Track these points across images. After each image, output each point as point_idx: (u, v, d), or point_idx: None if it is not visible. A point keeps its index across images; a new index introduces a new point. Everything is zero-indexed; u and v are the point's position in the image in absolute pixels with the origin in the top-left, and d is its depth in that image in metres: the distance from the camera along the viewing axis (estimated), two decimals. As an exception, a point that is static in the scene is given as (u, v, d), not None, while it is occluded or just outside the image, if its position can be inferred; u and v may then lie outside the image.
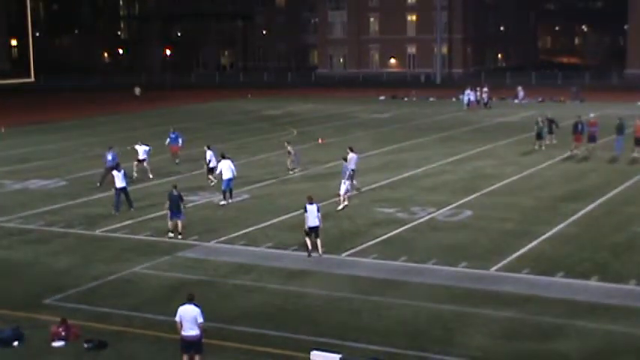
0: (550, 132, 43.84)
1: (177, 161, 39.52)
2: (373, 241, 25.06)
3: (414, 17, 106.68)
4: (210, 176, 34.15)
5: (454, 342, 17.14)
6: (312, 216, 23.46)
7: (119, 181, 29.51)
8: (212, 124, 57.78)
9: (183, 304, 15.42)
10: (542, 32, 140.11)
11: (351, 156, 32.13)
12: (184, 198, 26.48)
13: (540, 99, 73.31)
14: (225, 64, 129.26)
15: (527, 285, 20.75)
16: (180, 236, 25.54)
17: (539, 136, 42.97)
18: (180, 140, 40.26)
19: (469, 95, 67.97)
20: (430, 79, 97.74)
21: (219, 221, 28.12)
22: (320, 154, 42.13)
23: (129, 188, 30.31)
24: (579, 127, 41.21)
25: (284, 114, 65.05)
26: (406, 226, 26.88)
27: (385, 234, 25.90)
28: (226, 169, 30.60)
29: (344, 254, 23.81)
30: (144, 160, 36.32)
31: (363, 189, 32.77)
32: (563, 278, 21.21)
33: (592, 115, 44.61)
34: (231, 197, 30.87)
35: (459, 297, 19.94)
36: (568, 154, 40.68)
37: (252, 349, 16.84)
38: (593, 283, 20.85)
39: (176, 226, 25.78)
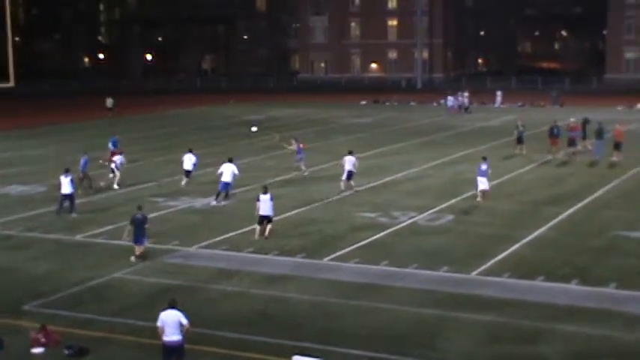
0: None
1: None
2: (354, 246, 25.09)
3: (395, 22, 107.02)
4: (186, 179, 34.88)
5: (435, 346, 17.19)
6: (265, 205, 25.45)
7: (65, 187, 29.43)
8: (194, 130, 57.64)
9: (165, 309, 15.38)
10: (522, 37, 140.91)
11: (348, 158, 32.84)
12: (154, 210, 25.55)
13: (520, 104, 73.72)
14: (207, 68, 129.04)
15: (507, 289, 20.84)
16: (141, 259, 23.71)
17: (519, 141, 43.17)
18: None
19: (450, 101, 68.26)
20: (411, 84, 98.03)
21: (201, 226, 28.05)
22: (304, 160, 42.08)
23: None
24: (555, 131, 41.58)
25: (266, 119, 64.98)
26: (387, 231, 26.93)
27: (366, 238, 25.93)
28: (227, 172, 31.04)
29: (325, 259, 23.82)
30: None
31: (347, 193, 32.82)
32: (544, 282, 21.32)
33: (572, 119, 44.88)
34: (224, 199, 31.21)
35: (440, 301, 20.00)
36: (548, 158, 40.90)
37: (234, 355, 16.81)
38: (573, 286, 20.97)
39: (141, 250, 23.82)
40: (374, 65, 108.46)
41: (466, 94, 70.04)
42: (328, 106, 75.24)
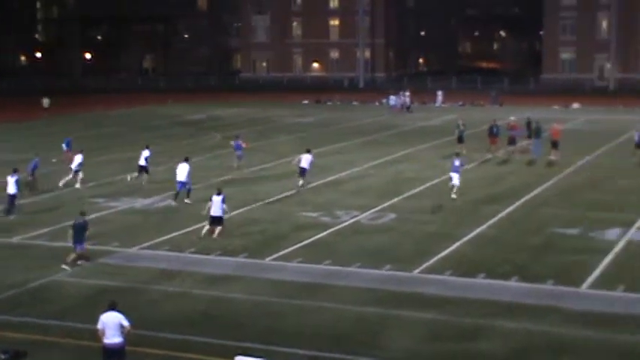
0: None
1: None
2: (297, 245, 25.08)
3: (337, 22, 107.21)
4: (131, 175, 34.96)
5: (378, 344, 17.28)
6: (216, 207, 25.39)
7: (10, 187, 28.93)
8: (135, 130, 57.00)
9: (105, 311, 15.19)
10: (462, 37, 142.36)
11: (306, 156, 33.39)
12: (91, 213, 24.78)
13: (461, 103, 74.58)
14: (147, 68, 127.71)
15: (449, 286, 21.05)
16: (75, 264, 23.04)
17: (460, 140, 43.63)
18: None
19: (392, 100, 68.68)
20: (353, 84, 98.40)
21: (142, 227, 27.77)
22: (244, 158, 41.91)
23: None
24: (494, 130, 42.18)
25: (207, 118, 64.64)
26: (330, 230, 26.98)
27: (309, 238, 25.95)
28: (181, 172, 31.11)
29: (268, 258, 23.78)
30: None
31: (289, 192, 32.81)
32: (484, 279, 21.59)
33: (512, 118, 45.50)
34: (174, 200, 31.22)
35: (382, 299, 20.11)
36: (488, 157, 41.44)
37: (176, 356, 16.68)
38: (512, 283, 21.28)
39: (77, 256, 23.08)
40: (316, 64, 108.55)
41: (407, 93, 70.61)
42: (270, 106, 75.12)
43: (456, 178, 31.36)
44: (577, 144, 44.81)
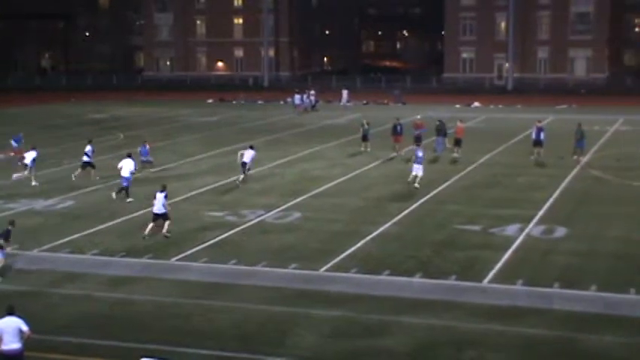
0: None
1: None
2: (203, 245, 24.87)
3: (241, 20, 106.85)
4: (79, 171, 35.16)
5: (285, 343, 17.28)
6: (158, 203, 25.58)
7: None
8: (33, 129, 55.44)
9: (3, 316, 14.73)
10: (365, 37, 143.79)
11: (249, 152, 34.59)
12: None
13: (365, 102, 75.34)
14: (46, 66, 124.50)
15: (355, 284, 21.21)
16: None
17: (364, 138, 44.03)
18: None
19: (297, 99, 68.83)
20: (258, 83, 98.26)
21: (42, 229, 27.04)
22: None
23: None
24: (398, 128, 42.73)
25: (110, 118, 63.48)
26: (236, 229, 26.85)
27: (215, 237, 25.76)
28: (125, 167, 31.26)
29: (173, 259, 23.49)
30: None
31: (195, 192, 32.51)
32: (389, 276, 21.84)
33: (418, 116, 46.15)
34: (118, 194, 31.35)
35: (289, 298, 20.12)
36: (393, 155, 41.96)
37: (78, 361, 16.32)
38: (416, 279, 21.59)
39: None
40: (220, 63, 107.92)
41: (313, 92, 70.91)
42: (174, 105, 74.31)
43: (420, 169, 32.90)
44: (478, 142, 45.80)
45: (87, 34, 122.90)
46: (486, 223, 27.37)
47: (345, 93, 73.82)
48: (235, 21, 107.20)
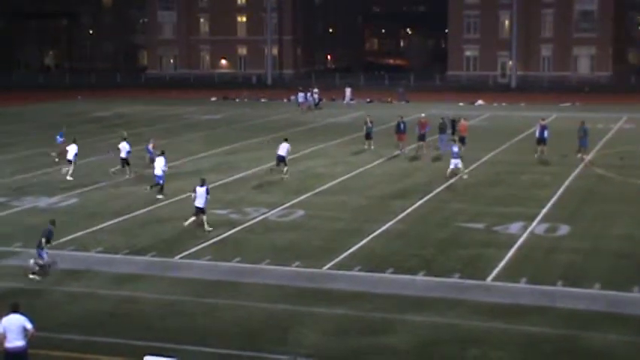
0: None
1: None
2: (206, 243, 24.90)
3: (244, 18, 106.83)
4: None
5: (288, 341, 17.30)
6: (200, 197, 25.86)
7: None
8: (36, 127, 55.54)
9: (7, 314, 14.76)
10: (369, 34, 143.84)
11: (284, 145, 35.23)
12: None
13: (369, 100, 75.29)
14: (50, 64, 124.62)
15: (358, 282, 21.23)
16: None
17: (368, 136, 44.03)
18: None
19: (301, 97, 68.82)
20: (261, 81, 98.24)
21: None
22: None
23: None
24: (401, 126, 42.69)
25: (113, 116, 63.54)
26: (239, 227, 26.88)
27: (218, 235, 25.79)
28: (157, 165, 31.66)
29: (177, 257, 23.53)
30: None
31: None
32: (393, 274, 21.85)
33: (423, 115, 46.08)
34: (152, 190, 31.59)
35: (292, 296, 20.14)
36: (396, 153, 41.95)
37: (82, 358, 16.34)
38: (420, 277, 21.60)
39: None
40: (224, 61, 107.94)
41: (316, 90, 70.90)
42: (178, 103, 74.34)
43: (459, 162, 34.15)
44: (482, 140, 45.78)
45: (90, 32, 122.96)
46: (490, 221, 27.37)
47: (348, 91, 73.76)
48: (239, 19, 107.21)
